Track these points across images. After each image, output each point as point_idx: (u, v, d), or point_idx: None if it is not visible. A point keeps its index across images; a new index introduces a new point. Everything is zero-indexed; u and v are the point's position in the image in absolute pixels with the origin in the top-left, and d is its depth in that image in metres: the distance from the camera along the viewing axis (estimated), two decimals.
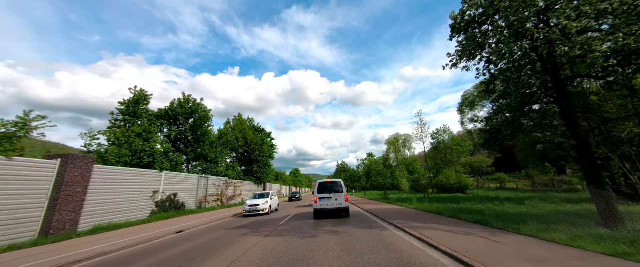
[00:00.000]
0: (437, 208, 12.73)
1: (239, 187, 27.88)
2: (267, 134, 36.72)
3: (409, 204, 16.06)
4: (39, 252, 6.86)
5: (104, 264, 5.94)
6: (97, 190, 11.01)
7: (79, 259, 6.12)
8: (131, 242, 7.90)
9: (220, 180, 23.30)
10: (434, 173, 34.74)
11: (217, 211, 18.52)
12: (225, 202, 24.01)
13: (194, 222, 12.48)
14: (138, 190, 13.55)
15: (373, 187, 60.96)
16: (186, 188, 18.06)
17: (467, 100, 20.52)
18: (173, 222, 12.85)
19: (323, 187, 12.48)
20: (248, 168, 33.92)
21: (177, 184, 17.05)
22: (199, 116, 22.98)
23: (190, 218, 14.21)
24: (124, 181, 12.53)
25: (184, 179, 17.93)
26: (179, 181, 17.27)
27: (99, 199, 11.04)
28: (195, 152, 22.83)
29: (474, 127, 21.92)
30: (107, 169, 11.76)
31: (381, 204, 18.40)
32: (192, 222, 12.51)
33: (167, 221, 13.15)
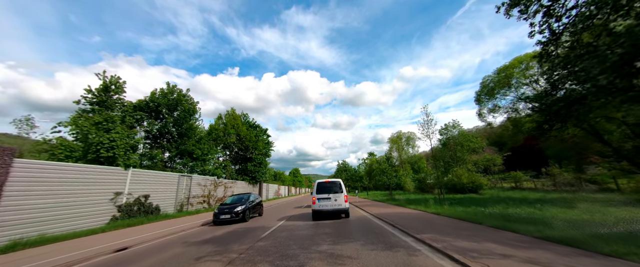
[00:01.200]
0: (466, 213, 9.87)
1: (231, 187, 25.01)
2: (262, 131, 33.88)
3: (425, 207, 13.21)
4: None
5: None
6: (21, 192, 8.16)
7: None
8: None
9: (207, 179, 20.44)
10: (442, 171, 31.85)
11: (200, 215, 15.67)
12: (213, 204, 21.15)
13: (155, 232, 9.60)
14: (91, 191, 10.69)
15: (375, 187, 58.06)
16: (162, 189, 15.20)
17: (486, 88, 17.63)
18: (134, 231, 10.00)
19: (322, 187, 11.67)
20: (242, 167, 31.06)
21: (150, 184, 14.19)
22: (184, 108, 20.13)
23: (159, 226, 11.34)
24: (67, 180, 9.66)
25: (160, 178, 15.07)
26: (153, 180, 14.41)
27: (22, 204, 8.18)
28: (178, 148, 19.98)
29: (493, 118, 18.98)
30: (38, 164, 8.89)
31: (391, 207, 15.52)
32: (153, 232, 9.64)
33: (129, 230, 10.29)
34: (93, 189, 10.81)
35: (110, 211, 11.64)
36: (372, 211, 13.33)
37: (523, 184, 27.81)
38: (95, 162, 11.79)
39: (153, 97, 19.57)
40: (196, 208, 18.60)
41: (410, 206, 14.67)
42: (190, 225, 11.56)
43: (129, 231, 10.22)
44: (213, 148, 23.61)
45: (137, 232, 9.65)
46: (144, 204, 13.51)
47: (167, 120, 19.32)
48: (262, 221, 12.29)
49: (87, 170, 10.59)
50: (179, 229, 10.48)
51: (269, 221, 11.90)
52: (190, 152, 20.86)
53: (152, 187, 14.28)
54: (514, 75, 15.99)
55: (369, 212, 13.40)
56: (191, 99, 21.37)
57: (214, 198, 21.36)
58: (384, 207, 15.85)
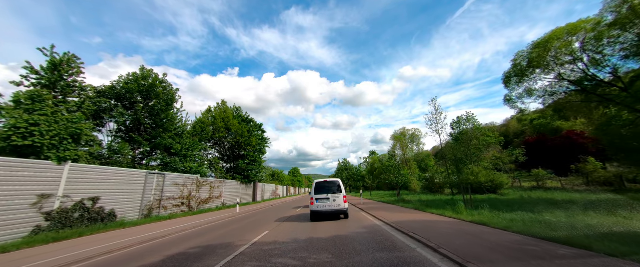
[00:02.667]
0: (525, 224, 6.69)
1: (218, 187, 21.81)
2: (257, 125, 30.68)
3: (454, 213, 9.97)
4: None
5: None
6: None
7: None
8: None
9: (187, 178, 17.23)
10: (453, 169, 28.54)
11: (173, 222, 12.47)
12: (195, 207, 17.95)
13: (89, 249, 6.40)
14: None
15: (377, 187, 54.75)
16: (122, 189, 11.99)
17: (517, 67, 14.38)
18: (56, 248, 6.80)
19: (320, 187, 11.04)
20: (234, 165, 27.85)
21: (101, 184, 10.98)
22: (158, 94, 16.93)
23: (104, 238, 8.13)
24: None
25: (117, 176, 11.86)
26: (106, 179, 11.20)
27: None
28: (152, 142, 16.79)
29: (523, 105, 15.71)
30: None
31: (406, 211, 12.27)
32: (86, 249, 6.44)
33: (50, 247, 7.10)
34: (3, 190, 7.64)
35: (34, 220, 8.44)
36: (385, 218, 10.08)
37: (546, 183, 24.52)
38: (13, 154, 8.61)
39: (122, 82, 16.38)
40: (171, 212, 15.38)
41: (431, 211, 11.42)
42: (150, 236, 8.36)
43: (50, 248, 7.02)
44: (197, 143, 20.42)
45: (60, 250, 6.45)
46: (90, 209, 10.30)
47: (137, 108, 16.11)
48: (237, 234, 9.04)
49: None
50: (132, 242, 7.26)
51: (244, 235, 8.68)
52: (167, 147, 17.66)
53: (104, 187, 11.07)
54: (560, 48, 12.73)
55: (381, 218, 10.13)
56: (170, 86, 18.19)
57: (196, 200, 18.17)
58: (397, 211, 12.60)
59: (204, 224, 11.78)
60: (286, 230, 8.78)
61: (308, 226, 9.43)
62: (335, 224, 9.70)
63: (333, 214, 10.56)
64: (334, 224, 9.55)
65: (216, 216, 15.40)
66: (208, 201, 20.05)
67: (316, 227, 8.94)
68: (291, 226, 9.69)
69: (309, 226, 9.25)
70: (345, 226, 9.07)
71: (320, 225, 9.50)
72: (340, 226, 8.98)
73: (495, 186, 21.98)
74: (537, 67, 13.92)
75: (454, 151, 29.44)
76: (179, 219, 13.67)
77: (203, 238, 8.08)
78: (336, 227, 8.92)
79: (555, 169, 28.82)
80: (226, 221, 12.88)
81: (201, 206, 18.98)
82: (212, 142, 27.28)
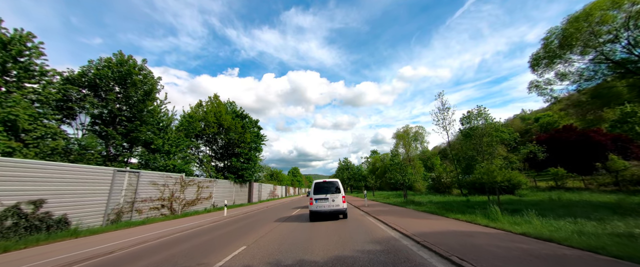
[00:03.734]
0: (613, 242, 4.50)
1: (207, 187, 19.62)
2: (252, 122, 28.49)
3: (487, 219, 7.78)
4: None
5: None
6: None
7: None
8: None
9: (168, 177, 15.04)
10: (463, 168, 26.25)
11: (146, 228, 10.30)
12: (179, 210, 15.76)
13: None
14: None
15: (379, 187, 52.49)
16: (78, 190, 9.79)
17: (549, 47, 12.15)
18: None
19: (319, 187, 10.79)
20: (227, 163, 25.66)
21: (49, 183, 8.79)
22: (135, 82, 14.75)
23: (29, 256, 5.94)
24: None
25: (72, 173, 9.66)
26: (54, 178, 9.00)
27: None
28: (129, 136, 14.61)
29: (552, 91, 13.47)
30: None
31: (423, 216, 10.04)
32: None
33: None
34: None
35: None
36: (402, 227, 7.84)
37: (566, 182, 22.25)
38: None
39: (93, 67, 14.19)
40: (147, 216, 13.18)
41: (455, 216, 9.18)
42: (93, 251, 6.17)
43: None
44: (183, 139, 18.24)
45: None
46: (29, 216, 8.11)
47: (110, 98, 13.91)
48: (202, 250, 6.84)
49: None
50: (60, 261, 5.08)
51: (210, 253, 6.48)
52: (147, 143, 15.48)
53: (52, 187, 8.88)
54: (601, 22, 10.53)
55: (396, 228, 7.87)
56: (150, 73, 16.00)
57: (180, 201, 15.98)
58: (411, 216, 10.36)
59: (177, 231, 9.57)
60: (270, 244, 6.56)
61: (300, 238, 7.22)
62: (335, 234, 7.50)
63: (332, 214, 10.44)
64: (334, 235, 7.34)
65: (200, 220, 13.23)
66: (195, 203, 17.86)
67: (310, 240, 6.73)
68: (279, 237, 7.47)
69: (301, 239, 7.05)
70: (349, 238, 6.85)
71: (316, 237, 7.29)
72: (342, 238, 6.78)
73: (513, 186, 19.72)
74: (572, 46, 11.69)
75: (464, 148, 27.23)
76: (154, 225, 11.48)
77: (156, 257, 5.86)
78: (337, 239, 6.71)
79: (572, 168, 26.54)
80: (205, 227, 10.67)
81: (187, 208, 16.79)
82: (205, 139, 25.14)
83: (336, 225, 9.23)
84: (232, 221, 12.91)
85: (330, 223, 9.86)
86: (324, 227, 9.06)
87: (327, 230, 8.33)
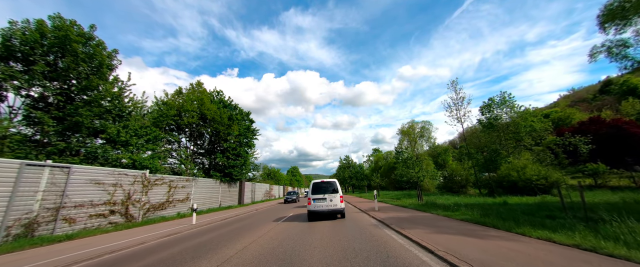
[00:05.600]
0: None
1: (183, 187, 16.09)
2: (243, 114, 24.95)
3: (607, 242, 4.26)
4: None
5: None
6: None
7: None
8: None
9: (123, 175, 11.49)
10: (483, 164, 22.62)
11: (64, 247, 6.81)
12: (139, 216, 12.22)
13: None
14: None
15: (382, 187, 48.81)
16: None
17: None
18: None
19: (317, 187, 10.76)
20: (211, 160, 22.12)
21: None
22: (76, 52, 11.19)
23: None
24: None
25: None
26: None
27: None
28: (66, 121, 11.08)
29: None
30: None
31: (490, 234, 6.31)
32: None
33: None
34: None
35: None
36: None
37: (608, 179, 18.63)
38: None
39: (18, 32, 10.64)
40: (84, 227, 9.64)
41: (534, 233, 5.59)
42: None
43: None
44: (152, 129, 14.71)
45: None
46: None
47: (35, 69, 10.33)
48: None
49: None
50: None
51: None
52: (96, 130, 11.95)
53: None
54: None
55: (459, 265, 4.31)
56: (101, 44, 12.46)
57: (141, 205, 12.46)
58: (458, 232, 6.66)
59: (92, 257, 6.01)
60: None
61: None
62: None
63: (330, 213, 10.45)
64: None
65: (161, 229, 9.75)
66: (164, 206, 14.32)
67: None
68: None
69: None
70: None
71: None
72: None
73: (549, 185, 16.15)
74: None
75: (484, 140, 23.68)
76: (88, 240, 7.97)
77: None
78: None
79: (605, 163, 22.89)
80: (149, 245, 7.11)
81: (152, 213, 13.27)
82: (188, 132, 21.62)
83: (343, 250, 5.67)
84: (198, 232, 9.37)
85: (335, 246, 6.30)
86: (323, 252, 5.51)
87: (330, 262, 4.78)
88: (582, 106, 68.88)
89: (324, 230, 8.08)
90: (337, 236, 6.88)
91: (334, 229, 8.14)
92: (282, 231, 8.44)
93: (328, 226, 9.02)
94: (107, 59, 12.38)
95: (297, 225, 9.79)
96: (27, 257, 6.02)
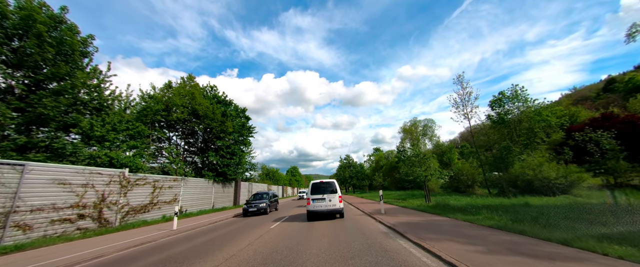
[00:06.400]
0: None
1: (171, 188, 14.67)
2: (238, 110, 23.53)
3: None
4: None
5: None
6: None
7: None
8: None
9: (95, 174, 10.07)
10: (492, 161, 21.19)
11: (11, 259, 5.38)
12: (116, 221, 10.80)
13: None
14: None
15: (384, 187, 47.35)
16: None
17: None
18: None
19: (316, 188, 10.83)
20: (203, 158, 20.70)
21: None
22: (40, 33, 9.74)
23: None
24: None
25: None
26: None
27: None
28: (28, 112, 9.64)
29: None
30: None
31: (547, 252, 5.00)
32: None
33: None
34: None
35: None
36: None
37: (630, 178, 17.16)
38: None
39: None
40: (44, 234, 8.21)
41: (589, 246, 4.17)
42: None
43: None
44: (134, 124, 13.29)
45: None
46: None
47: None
48: None
49: None
50: None
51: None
52: (67, 124, 10.52)
53: None
54: None
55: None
56: (73, 28, 11.02)
57: (119, 207, 11.03)
58: (510, 246, 5.25)
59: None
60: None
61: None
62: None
63: (329, 213, 10.43)
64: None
65: (133, 238, 8.35)
66: (148, 209, 12.90)
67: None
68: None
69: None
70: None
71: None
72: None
73: (569, 184, 14.71)
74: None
75: (495, 137, 22.26)
76: (40, 251, 6.57)
77: None
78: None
79: None
80: (93, 264, 5.67)
81: (133, 216, 11.85)
82: (180, 130, 20.19)
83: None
84: (175, 240, 7.93)
85: (337, 265, 4.88)
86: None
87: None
88: (586, 104, 67.53)
89: (323, 240, 6.65)
90: (340, 250, 5.44)
91: (335, 238, 6.71)
92: (274, 239, 7.01)
93: (328, 233, 7.59)
94: (79, 45, 10.95)
95: (292, 231, 8.35)
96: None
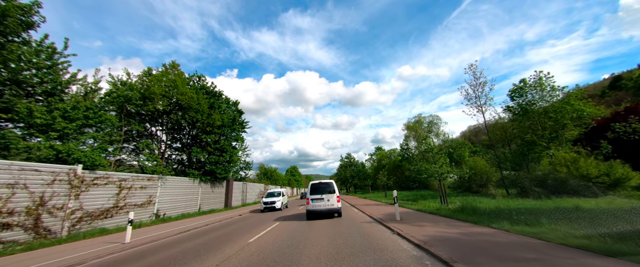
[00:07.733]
0: None
1: (143, 188, 12.39)
2: (229, 102, 21.25)
3: None
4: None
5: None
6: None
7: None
8: None
9: (27, 170, 7.80)
10: (510, 158, 18.86)
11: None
12: (62, 230, 8.53)
13: None
14: None
15: (387, 187, 44.95)
16: None
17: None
18: None
19: (315, 188, 11.07)
20: (189, 155, 18.41)
21: None
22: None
23: None
24: None
25: None
26: None
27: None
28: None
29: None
30: None
31: None
32: None
33: None
34: None
35: None
36: None
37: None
38: None
39: None
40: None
41: None
42: None
43: None
44: (94, 112, 11.01)
45: None
46: None
47: None
48: None
49: None
50: None
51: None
52: (3, 110, 8.26)
53: None
54: None
55: None
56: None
57: (67, 213, 8.75)
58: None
59: None
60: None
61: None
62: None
63: (327, 212, 10.60)
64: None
65: (65, 256, 6.02)
66: (112, 213, 10.61)
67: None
68: None
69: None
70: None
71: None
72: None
73: (614, 182, 12.36)
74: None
75: (514, 131, 19.89)
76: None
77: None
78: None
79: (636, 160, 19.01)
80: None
81: (88, 223, 9.57)
82: (169, 124, 17.90)
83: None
84: (120, 260, 5.63)
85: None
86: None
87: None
88: (593, 101, 65.48)
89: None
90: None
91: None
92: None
93: (329, 257, 5.28)
94: (16, 11, 8.67)
95: (281, 243, 6.03)
96: None
